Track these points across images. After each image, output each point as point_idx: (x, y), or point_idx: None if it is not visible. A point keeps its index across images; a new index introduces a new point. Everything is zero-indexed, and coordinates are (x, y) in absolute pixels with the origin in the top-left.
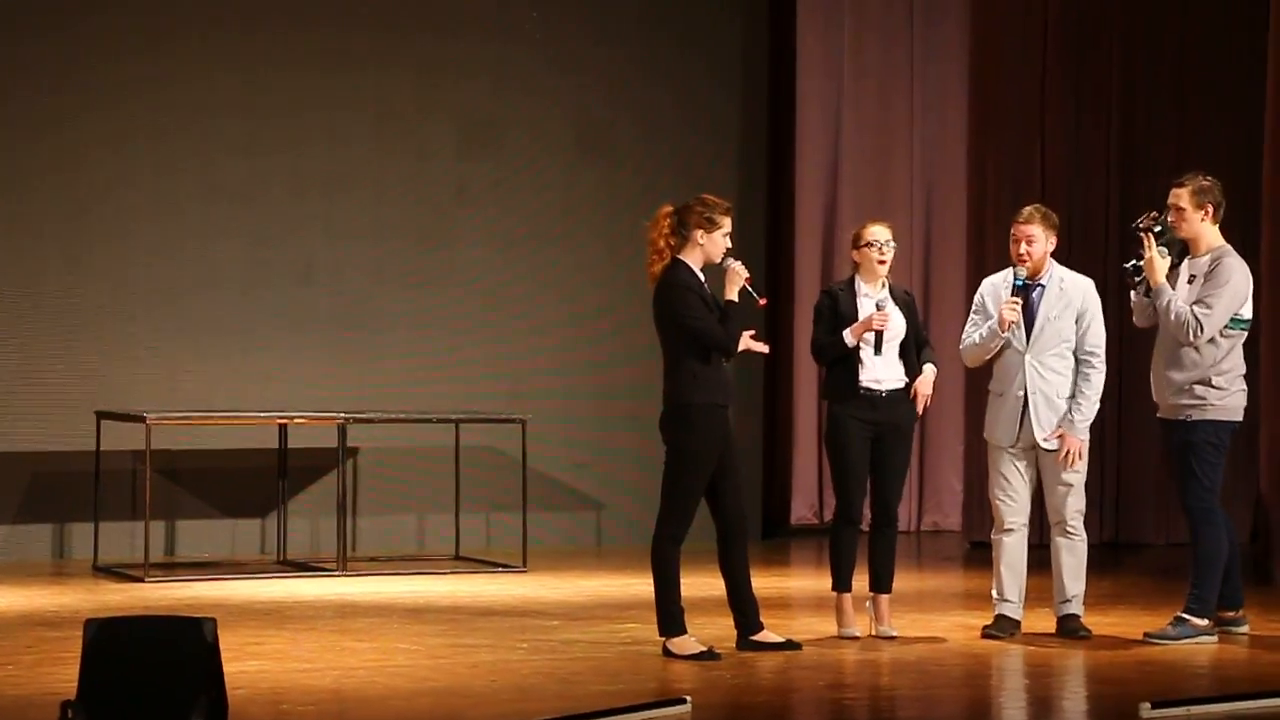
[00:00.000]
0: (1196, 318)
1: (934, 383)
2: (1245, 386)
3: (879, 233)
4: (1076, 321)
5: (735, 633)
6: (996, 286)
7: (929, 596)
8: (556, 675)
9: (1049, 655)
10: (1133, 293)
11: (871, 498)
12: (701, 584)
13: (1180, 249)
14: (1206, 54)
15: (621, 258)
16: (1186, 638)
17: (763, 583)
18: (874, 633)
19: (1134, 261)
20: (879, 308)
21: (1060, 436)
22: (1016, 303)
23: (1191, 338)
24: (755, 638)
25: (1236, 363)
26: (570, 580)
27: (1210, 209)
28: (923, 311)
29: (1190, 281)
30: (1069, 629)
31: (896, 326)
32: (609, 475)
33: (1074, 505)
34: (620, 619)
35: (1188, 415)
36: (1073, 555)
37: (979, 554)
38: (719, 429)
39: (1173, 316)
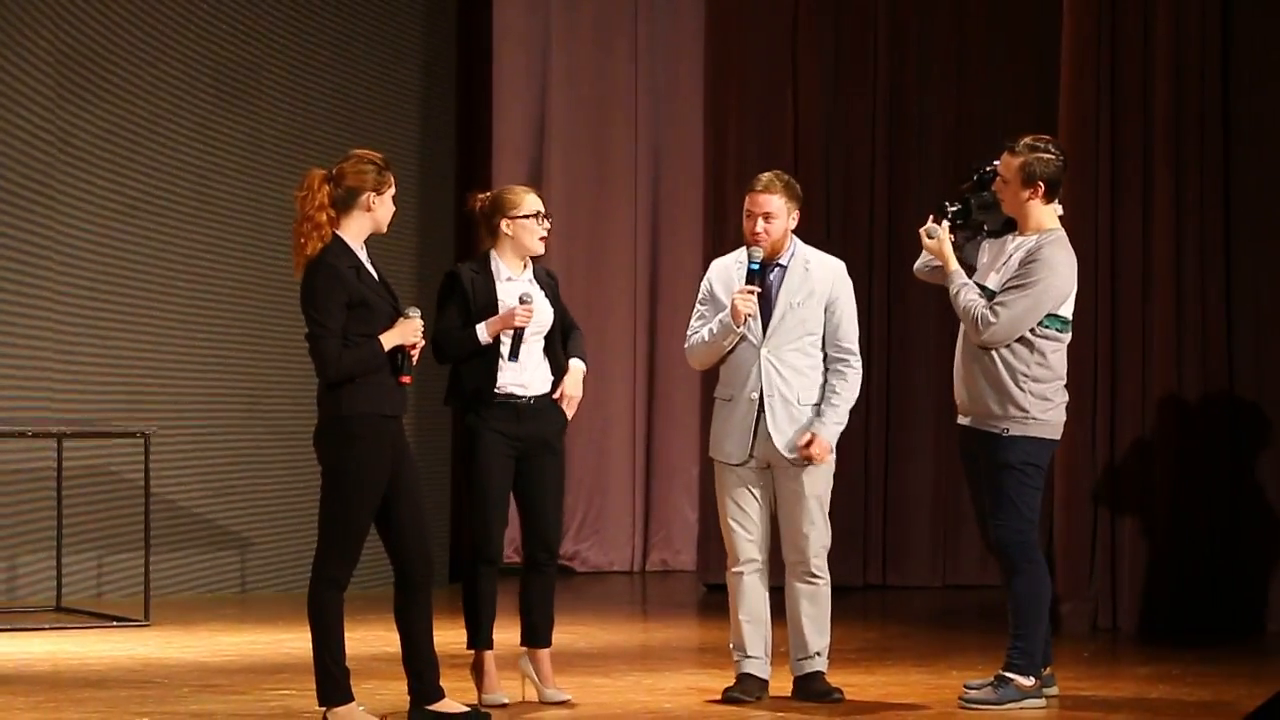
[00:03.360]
0: (991, 310)
1: (584, 382)
2: (1067, 398)
3: (537, 201)
4: (826, 311)
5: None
6: (728, 270)
7: (657, 652)
8: None
9: None
10: (947, 234)
11: (524, 531)
12: (374, 638)
13: (1007, 220)
14: None
15: (268, 230)
16: (1010, 701)
17: (452, 637)
18: (539, 698)
19: (955, 205)
20: (523, 301)
21: (809, 439)
22: (752, 292)
23: (977, 331)
24: (433, 707)
25: (1058, 370)
26: (205, 637)
27: (1041, 188)
28: (649, 299)
29: (1006, 262)
30: (815, 691)
31: (543, 319)
32: (255, 504)
33: (817, 540)
34: (269, 684)
35: (1004, 430)
36: (815, 603)
37: (717, 599)
38: (387, 445)
39: (960, 307)
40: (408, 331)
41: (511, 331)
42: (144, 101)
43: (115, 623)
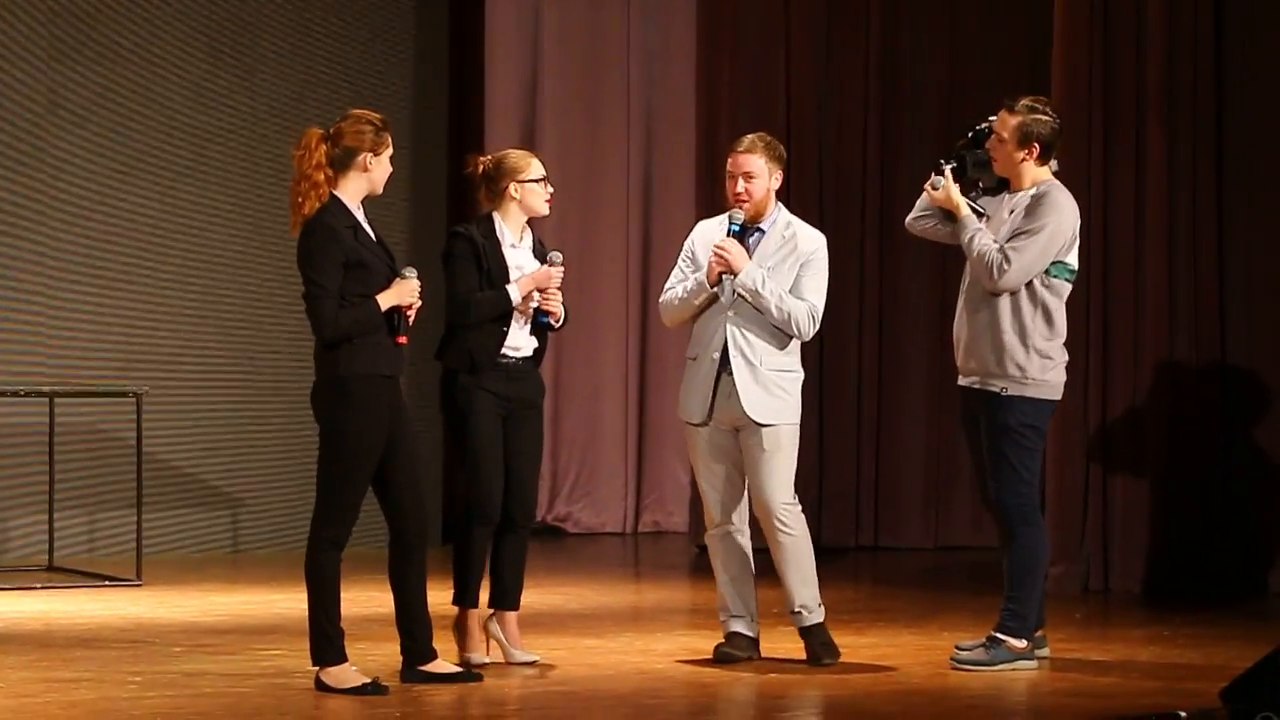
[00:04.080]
0: (1004, 255)
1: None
2: (1067, 357)
3: (541, 165)
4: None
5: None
6: (711, 232)
7: (649, 613)
8: (179, 717)
9: (789, 684)
10: (952, 182)
11: (504, 492)
12: (366, 599)
13: (1002, 179)
14: None
15: (263, 190)
16: (1002, 662)
17: (444, 597)
18: (506, 659)
19: (950, 162)
20: (552, 262)
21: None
22: (728, 250)
23: (992, 277)
24: (425, 668)
25: (1060, 326)
26: (197, 597)
27: (1037, 149)
28: (641, 260)
29: (1011, 216)
30: (811, 648)
31: None
32: (247, 463)
33: (780, 496)
34: (261, 645)
35: (1002, 389)
36: (790, 557)
37: (709, 560)
38: (384, 404)
39: (974, 253)
40: (405, 292)
41: (538, 295)
42: (138, 60)
43: (107, 582)
